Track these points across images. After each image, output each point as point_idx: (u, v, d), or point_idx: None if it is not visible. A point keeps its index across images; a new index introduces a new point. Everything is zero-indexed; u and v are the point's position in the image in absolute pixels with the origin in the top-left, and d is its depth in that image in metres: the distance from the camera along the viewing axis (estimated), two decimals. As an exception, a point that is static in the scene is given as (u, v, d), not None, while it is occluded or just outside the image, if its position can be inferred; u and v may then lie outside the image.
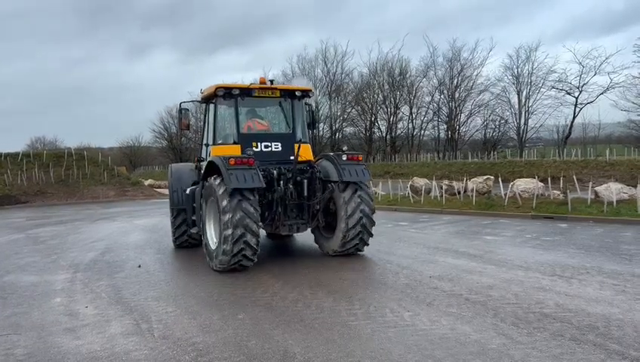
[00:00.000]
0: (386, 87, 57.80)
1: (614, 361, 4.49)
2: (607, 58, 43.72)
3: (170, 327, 5.74)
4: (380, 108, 59.07)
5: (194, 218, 9.90)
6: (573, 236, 11.72)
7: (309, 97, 10.35)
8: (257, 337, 5.31)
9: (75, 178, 30.90)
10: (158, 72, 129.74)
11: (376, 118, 59.66)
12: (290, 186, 9.06)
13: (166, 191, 33.78)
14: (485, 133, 55.77)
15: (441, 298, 6.69)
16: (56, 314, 6.36)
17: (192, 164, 11.15)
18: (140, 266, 9.29)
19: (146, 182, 38.82)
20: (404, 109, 58.13)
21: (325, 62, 59.67)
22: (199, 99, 10.48)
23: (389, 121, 58.52)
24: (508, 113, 52.85)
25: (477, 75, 53.44)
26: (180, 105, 10.23)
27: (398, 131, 59.22)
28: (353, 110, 60.25)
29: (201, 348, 5.05)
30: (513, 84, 51.16)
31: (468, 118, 55.75)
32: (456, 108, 54.90)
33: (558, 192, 18.39)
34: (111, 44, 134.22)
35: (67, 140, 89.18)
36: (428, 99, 56.89)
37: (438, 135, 58.39)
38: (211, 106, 9.79)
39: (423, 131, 58.67)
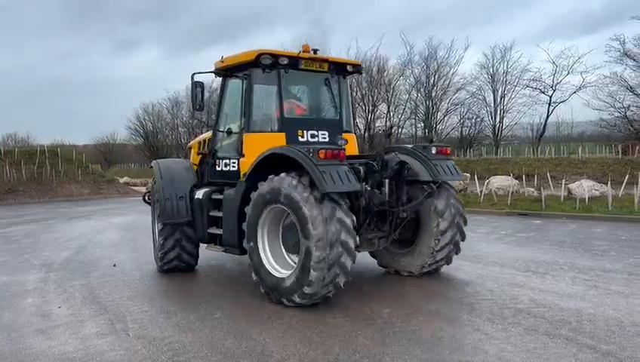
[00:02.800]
0: (365, 84, 57.97)
1: (586, 355, 4.58)
2: (579, 58, 44.61)
3: (145, 327, 5.66)
4: (359, 106, 59.23)
5: (212, 231, 7.54)
6: (547, 232, 11.94)
7: (360, 74, 8.55)
8: (234, 336, 5.28)
9: (48, 176, 30.26)
10: (141, 68, 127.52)
11: (354, 116, 59.81)
12: (384, 189, 6.93)
13: (142, 189, 33.35)
14: (462, 131, 56.37)
15: (418, 294, 6.75)
16: (28, 315, 6.23)
17: (184, 160, 9.04)
18: (115, 265, 9.15)
19: (122, 180, 38.19)
20: (382, 107, 58.41)
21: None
22: (217, 69, 7.78)
23: (367, 119, 58.78)
24: (484, 111, 53.44)
25: (453, 73, 53.96)
26: (193, 78, 7.45)
27: (376, 129, 59.46)
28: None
29: (177, 348, 5.00)
30: (489, 82, 51.76)
31: (445, 116, 56.28)
32: (433, 106, 55.37)
33: (533, 189, 18.72)
34: (95, 39, 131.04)
35: (41, 137, 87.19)
36: (405, 97, 57.26)
37: (415, 133, 58.80)
38: (240, 80, 7.42)
39: (400, 129, 59.07)
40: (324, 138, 7.48)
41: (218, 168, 7.84)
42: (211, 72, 7.73)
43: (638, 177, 16.05)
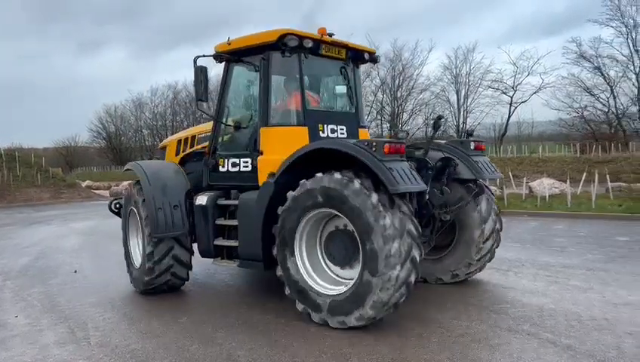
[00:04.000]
0: (331, 86, 58.11)
1: (546, 349, 4.69)
2: (538, 60, 45.98)
3: (107, 334, 5.52)
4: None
5: (219, 243, 6.52)
6: (509, 230, 12.19)
7: (376, 63, 7.62)
8: (200, 341, 5.19)
9: (6, 180, 29.25)
10: (105, 69, 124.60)
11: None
12: (446, 189, 6.21)
13: (105, 193, 32.58)
14: (426, 132, 57.17)
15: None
16: (-17, 326, 5.99)
17: (170, 162, 7.67)
18: (76, 271, 8.89)
19: (84, 184, 37.24)
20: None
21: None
22: (221, 52, 6.63)
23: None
24: (448, 112, 54.41)
25: (418, 74, 54.72)
26: (196, 62, 6.30)
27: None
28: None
29: (141, 355, 4.89)
30: (452, 83, 52.74)
31: (410, 117, 57.00)
32: (398, 107, 56.01)
33: (495, 188, 19.12)
34: (59, 40, 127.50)
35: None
36: (372, 98, 57.73)
37: (382, 134, 59.33)
38: (252, 66, 6.51)
39: (368, 130, 59.39)
40: (343, 133, 6.72)
41: (222, 169, 6.74)
42: (215, 55, 6.66)
43: (595, 175, 16.58)
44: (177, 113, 68.60)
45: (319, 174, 5.42)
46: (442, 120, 6.27)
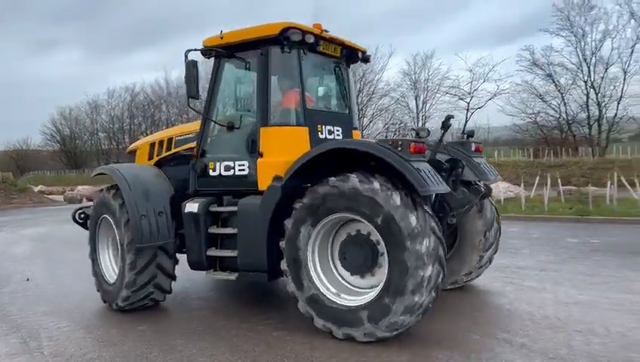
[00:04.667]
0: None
1: (502, 348, 4.84)
2: (494, 67, 47.09)
3: (62, 344, 5.35)
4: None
5: (212, 253, 6.03)
6: (466, 233, 12.51)
7: (368, 62, 7.32)
8: (159, 349, 5.11)
9: (-49, 185, 27.95)
10: (60, 71, 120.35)
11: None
12: (465, 191, 6.17)
13: (59, 198, 31.53)
14: (386, 137, 57.88)
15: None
16: None
17: (148, 166, 7.06)
18: (28, 279, 8.57)
19: (36, 188, 35.96)
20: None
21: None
22: (212, 47, 6.18)
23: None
24: (407, 117, 55.24)
25: (378, 80, 55.38)
26: (187, 55, 5.86)
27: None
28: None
29: (98, 364, 4.77)
30: (411, 89, 53.58)
31: (370, 122, 57.61)
32: (359, 112, 56.48)
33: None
34: (11, 38, 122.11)
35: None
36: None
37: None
38: (247, 62, 6.09)
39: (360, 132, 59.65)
40: (339, 135, 6.44)
41: (213, 173, 6.23)
42: (204, 49, 6.19)
43: (547, 179, 17.20)
44: (135, 116, 67.14)
45: (333, 178, 5.11)
46: (452, 119, 6.32)
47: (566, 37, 40.37)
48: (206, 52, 6.21)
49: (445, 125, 6.24)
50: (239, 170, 6.10)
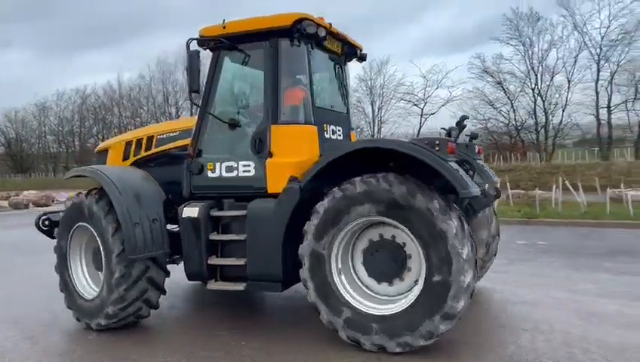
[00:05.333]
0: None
1: (453, 347, 4.97)
2: (447, 74, 48.26)
3: (5, 355, 5.16)
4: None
5: (214, 262, 5.54)
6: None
7: (364, 60, 6.97)
8: (111, 358, 5.00)
9: None
10: (6, 71, 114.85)
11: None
12: (491, 192, 5.81)
13: (4, 203, 30.06)
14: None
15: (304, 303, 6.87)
16: None
17: (132, 168, 6.45)
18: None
19: (-22, 194, 34.33)
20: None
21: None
22: (213, 37, 5.69)
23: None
24: (363, 122, 55.87)
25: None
26: (189, 45, 5.42)
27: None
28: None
29: (46, 375, 4.62)
30: (367, 95, 54.24)
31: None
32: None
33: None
34: None
35: None
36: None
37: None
38: (251, 54, 5.66)
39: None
40: (340, 135, 6.19)
41: (212, 174, 5.73)
42: (203, 40, 5.71)
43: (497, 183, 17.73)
44: (86, 119, 65.16)
45: (360, 179, 4.83)
46: (467, 119, 6.08)
47: (515, 46, 41.90)
48: (204, 43, 5.70)
49: (460, 125, 6.02)
50: (244, 171, 5.62)
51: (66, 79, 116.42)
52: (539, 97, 41.63)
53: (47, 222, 6.71)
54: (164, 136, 6.44)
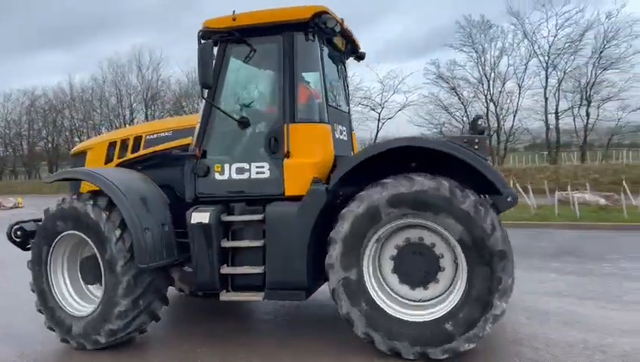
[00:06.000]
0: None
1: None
2: (403, 79, 48.97)
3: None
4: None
5: (226, 271, 5.17)
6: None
7: (362, 60, 6.69)
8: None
9: None
10: None
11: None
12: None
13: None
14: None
15: (260, 307, 6.85)
16: None
17: (125, 170, 5.88)
18: None
19: None
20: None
21: (140, 69, 56.84)
22: (221, 30, 5.33)
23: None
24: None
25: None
26: (201, 37, 5.18)
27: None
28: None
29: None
30: (325, 99, 54.52)
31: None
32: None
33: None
34: None
35: None
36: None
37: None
38: (277, 46, 5.30)
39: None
40: (344, 135, 6.01)
41: (221, 177, 5.35)
42: (213, 32, 5.30)
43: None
44: (35, 121, 62.67)
45: (389, 179, 4.65)
46: (482, 120, 5.81)
47: (468, 53, 42.85)
48: (211, 35, 5.28)
49: (475, 126, 5.84)
50: (257, 172, 5.27)
51: (12, 80, 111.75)
52: (491, 103, 42.74)
53: (19, 233, 6.01)
54: (154, 136, 5.99)
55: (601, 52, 36.16)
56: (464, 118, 43.77)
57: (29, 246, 5.79)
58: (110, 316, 5.06)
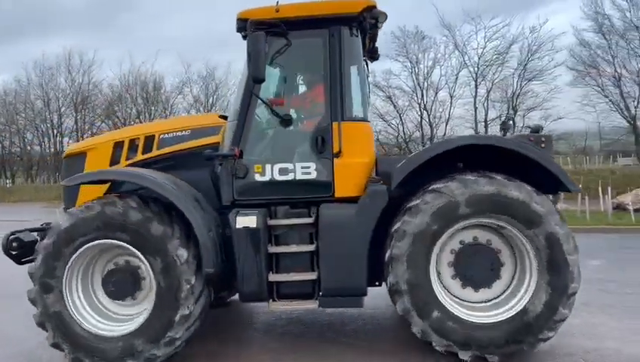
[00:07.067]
0: (140, 101, 55.59)
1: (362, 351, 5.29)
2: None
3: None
4: (134, 122, 56.47)
5: (275, 279, 4.94)
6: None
7: (376, 60, 6.56)
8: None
9: None
10: None
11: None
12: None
13: None
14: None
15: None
16: None
17: (156, 171, 5.23)
18: None
19: None
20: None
21: (70, 71, 54.40)
22: (262, 22, 4.90)
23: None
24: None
25: (231, 94, 55.29)
26: (251, 26, 4.76)
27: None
28: (103, 123, 56.21)
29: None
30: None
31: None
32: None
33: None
34: None
35: None
36: (185, 115, 56.54)
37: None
38: (322, 40, 5.07)
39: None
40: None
41: (262, 178, 5.03)
42: (257, 23, 4.81)
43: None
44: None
45: (470, 176, 4.54)
46: (511, 121, 5.78)
47: (403, 62, 44.21)
48: (245, 27, 4.85)
49: (506, 127, 5.81)
50: (303, 173, 5.00)
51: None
52: (425, 111, 44.26)
53: (15, 244, 5.31)
54: (170, 135, 5.57)
55: (525, 64, 38.55)
56: (399, 126, 45.03)
57: (25, 259, 5.28)
58: (170, 323, 4.63)
